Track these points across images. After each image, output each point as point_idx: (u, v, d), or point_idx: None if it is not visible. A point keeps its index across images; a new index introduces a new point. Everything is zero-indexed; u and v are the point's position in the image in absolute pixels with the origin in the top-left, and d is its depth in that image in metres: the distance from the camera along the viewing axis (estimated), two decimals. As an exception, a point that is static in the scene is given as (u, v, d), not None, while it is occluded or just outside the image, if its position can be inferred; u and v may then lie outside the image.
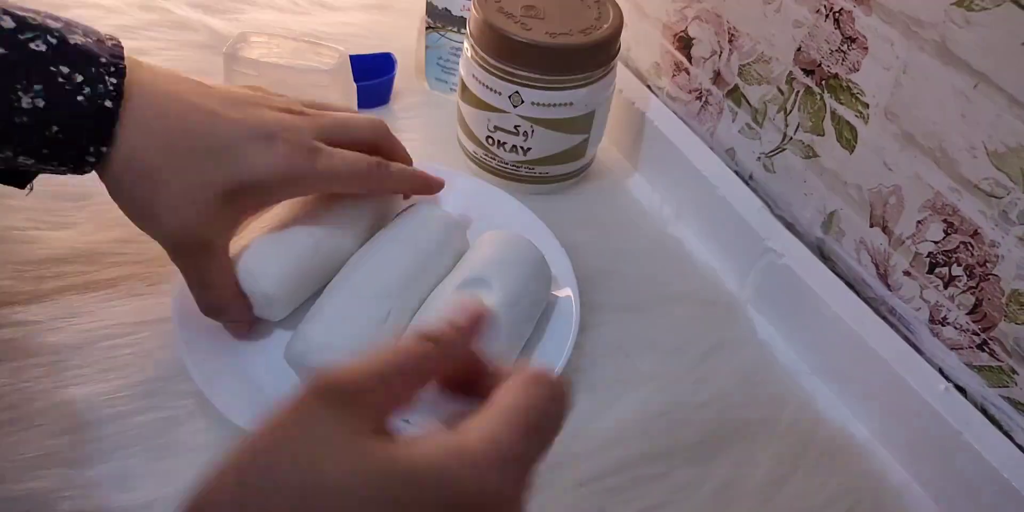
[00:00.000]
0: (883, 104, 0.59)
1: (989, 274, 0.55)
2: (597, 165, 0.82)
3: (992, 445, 0.56)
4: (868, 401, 0.63)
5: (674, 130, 0.78)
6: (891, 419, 0.62)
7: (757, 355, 0.68)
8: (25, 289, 0.62)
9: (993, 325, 0.56)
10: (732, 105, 0.73)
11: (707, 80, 0.75)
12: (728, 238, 0.73)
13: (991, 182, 0.53)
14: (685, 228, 0.77)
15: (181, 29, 0.89)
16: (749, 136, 0.72)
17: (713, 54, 0.74)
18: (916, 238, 0.59)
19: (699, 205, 0.75)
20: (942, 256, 0.58)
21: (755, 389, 0.65)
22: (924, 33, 0.54)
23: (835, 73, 0.62)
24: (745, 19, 0.69)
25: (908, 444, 0.61)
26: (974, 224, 0.55)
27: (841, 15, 0.60)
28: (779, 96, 0.68)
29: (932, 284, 0.59)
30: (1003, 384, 0.56)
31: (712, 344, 0.67)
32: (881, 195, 0.61)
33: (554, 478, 0.57)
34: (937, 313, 0.60)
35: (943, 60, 0.53)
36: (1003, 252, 0.54)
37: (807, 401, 0.65)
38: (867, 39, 0.58)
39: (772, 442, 0.62)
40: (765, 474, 0.59)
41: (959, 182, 0.55)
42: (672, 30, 0.78)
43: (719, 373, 0.65)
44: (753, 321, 0.71)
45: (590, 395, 0.62)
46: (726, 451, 0.60)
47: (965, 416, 0.57)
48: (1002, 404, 0.57)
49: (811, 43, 0.63)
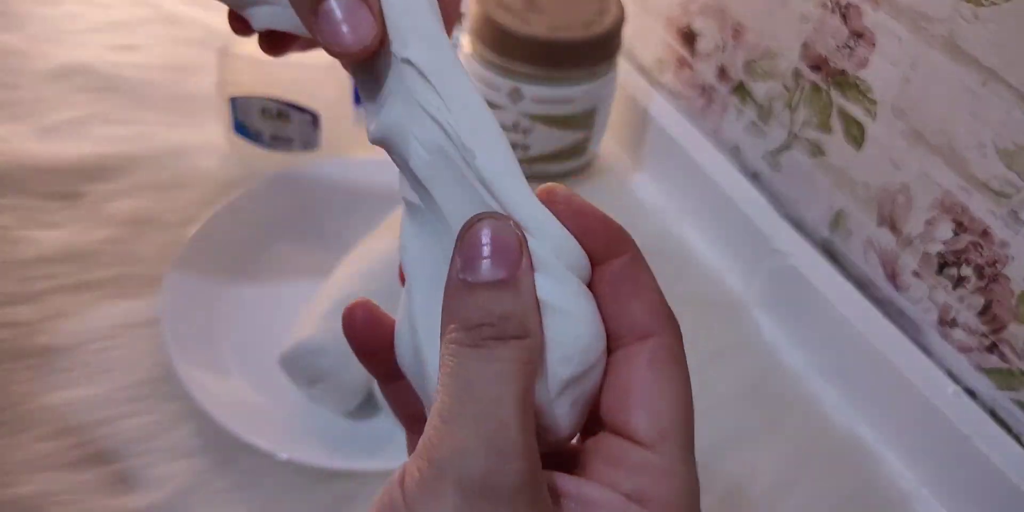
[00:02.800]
0: (891, 101, 0.58)
1: (999, 275, 0.54)
2: (598, 163, 0.81)
3: (1001, 449, 0.55)
4: (876, 404, 0.63)
5: (678, 127, 0.77)
6: (899, 422, 0.61)
7: (763, 357, 0.67)
8: (14, 290, 0.62)
9: (1003, 327, 0.55)
10: (737, 101, 0.73)
11: (711, 76, 0.75)
12: (733, 238, 0.72)
13: (1001, 180, 0.52)
14: (689, 227, 0.77)
15: (174, 25, 0.88)
16: (754, 133, 0.72)
17: (717, 49, 0.73)
18: (925, 238, 0.59)
19: (703, 204, 0.75)
20: (951, 256, 0.57)
21: (761, 391, 0.64)
22: (932, 28, 0.54)
23: (842, 69, 0.61)
24: (750, 13, 0.68)
25: (916, 448, 0.61)
26: (984, 223, 0.54)
27: (848, 10, 0.59)
28: (785, 92, 0.67)
29: (941, 285, 0.59)
30: (1013, 387, 0.56)
31: (717, 346, 0.67)
32: (889, 194, 0.61)
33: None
34: (946, 314, 0.59)
35: (952, 56, 0.53)
36: (1013, 252, 0.53)
37: (814, 404, 0.64)
38: (875, 34, 0.58)
39: (778, 445, 0.61)
40: (771, 478, 0.59)
41: (968, 181, 0.54)
42: (675, 24, 0.78)
43: (724, 375, 0.65)
44: (759, 322, 0.70)
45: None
46: (731, 454, 0.60)
47: (974, 419, 0.57)
48: (1012, 407, 0.56)
49: (818, 38, 0.62)
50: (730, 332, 0.68)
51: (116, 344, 0.60)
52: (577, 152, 0.75)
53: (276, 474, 0.55)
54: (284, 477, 0.55)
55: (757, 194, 0.71)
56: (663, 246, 0.74)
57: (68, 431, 0.55)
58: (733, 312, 0.70)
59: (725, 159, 0.74)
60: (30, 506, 0.52)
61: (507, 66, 0.69)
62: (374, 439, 0.56)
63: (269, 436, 0.54)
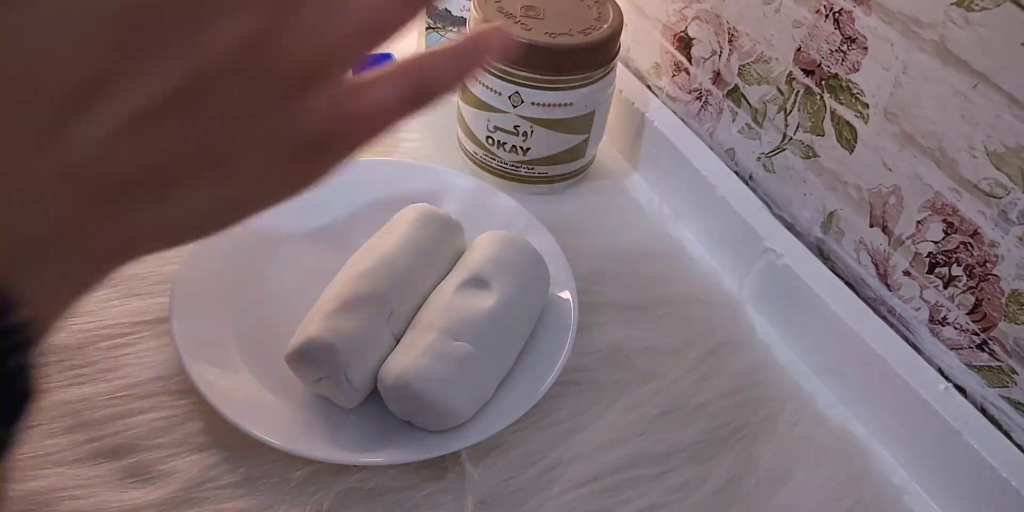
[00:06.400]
0: (883, 104, 0.59)
1: (989, 274, 0.55)
2: (597, 165, 0.82)
3: (991, 445, 0.56)
4: (868, 401, 0.63)
5: (674, 130, 0.78)
6: (891, 419, 0.62)
7: (757, 355, 0.68)
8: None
9: (993, 325, 0.56)
10: (732, 105, 0.73)
11: (707, 80, 0.75)
12: (728, 238, 0.73)
13: (991, 182, 0.53)
14: (685, 228, 0.77)
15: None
16: (749, 136, 0.72)
17: (713, 54, 0.74)
18: (916, 238, 0.59)
19: (699, 205, 0.75)
20: (942, 256, 0.58)
21: (755, 389, 0.65)
22: (924, 33, 0.54)
23: (835, 73, 0.62)
24: (745, 19, 0.69)
25: (908, 444, 0.61)
26: (974, 224, 0.55)
27: (841, 15, 0.60)
28: (779, 96, 0.68)
29: (932, 284, 0.59)
30: (1003, 384, 0.57)
31: (712, 344, 0.67)
32: (881, 195, 0.61)
33: (553, 478, 0.57)
34: (937, 313, 0.60)
35: (943, 60, 0.53)
36: (1003, 252, 0.54)
37: (807, 401, 0.65)
38: (867, 39, 0.58)
39: (772, 442, 0.61)
40: (765, 474, 0.59)
41: (959, 182, 0.55)
42: (672, 30, 0.78)
43: (719, 373, 0.65)
44: (753, 321, 0.70)
45: (590, 395, 0.62)
46: (726, 451, 0.60)
47: (964, 416, 0.57)
48: (1002, 404, 0.57)
49: (811, 43, 0.63)
50: (725, 330, 0.69)
51: (127, 342, 0.60)
52: (575, 155, 0.76)
53: (283, 469, 0.55)
54: (291, 471, 0.55)
55: (751, 195, 0.72)
56: (659, 246, 0.75)
57: (80, 427, 0.56)
58: (728, 311, 0.71)
59: (720, 161, 0.75)
60: (43, 500, 0.52)
61: (507, 71, 0.69)
62: (379, 434, 0.56)
63: (277, 431, 0.54)
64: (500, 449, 0.58)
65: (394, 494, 0.55)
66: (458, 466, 0.57)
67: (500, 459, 0.58)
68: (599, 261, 0.71)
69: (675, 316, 0.69)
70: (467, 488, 0.56)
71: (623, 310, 0.68)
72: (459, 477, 0.56)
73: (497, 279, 0.60)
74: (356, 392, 0.56)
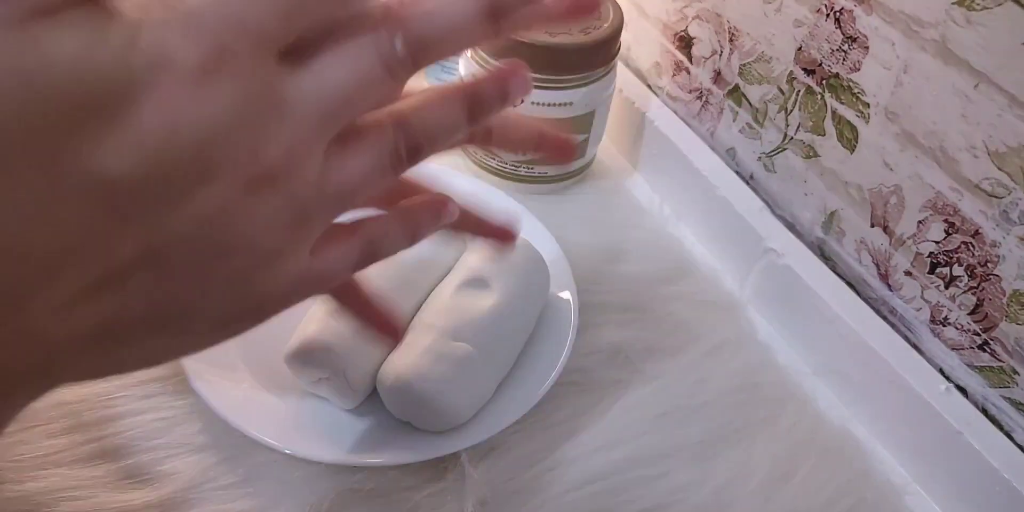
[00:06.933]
0: (884, 104, 0.59)
1: (990, 274, 0.55)
2: (597, 165, 0.82)
3: (993, 445, 0.56)
4: (869, 401, 0.63)
5: (674, 130, 0.78)
6: (892, 419, 0.62)
7: (757, 355, 0.68)
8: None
9: (994, 325, 0.56)
10: (733, 105, 0.73)
11: (707, 80, 0.75)
12: (728, 238, 0.73)
13: (992, 182, 0.53)
14: (685, 228, 0.77)
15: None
16: (749, 136, 0.72)
17: (713, 53, 0.74)
18: (917, 238, 0.59)
19: (699, 205, 0.75)
20: (943, 256, 0.58)
21: (755, 390, 0.65)
22: (925, 33, 0.54)
23: (836, 73, 0.62)
24: (745, 18, 0.69)
25: (909, 444, 0.61)
26: (975, 224, 0.55)
27: (842, 14, 0.60)
28: (780, 96, 0.67)
29: (933, 284, 0.59)
30: (1004, 384, 0.56)
31: (712, 344, 0.67)
32: (882, 195, 0.61)
33: (554, 478, 0.57)
34: (938, 313, 0.60)
35: (944, 60, 0.53)
36: (1004, 252, 0.54)
37: (807, 401, 0.65)
38: (868, 39, 0.58)
39: (772, 443, 0.61)
40: (765, 475, 0.59)
41: (960, 182, 0.55)
42: (672, 29, 0.78)
43: (719, 373, 0.65)
44: (753, 321, 0.70)
45: (590, 395, 0.62)
46: (726, 452, 0.60)
47: (966, 416, 0.57)
48: (1003, 404, 0.57)
49: (812, 43, 0.63)
50: (725, 330, 0.69)
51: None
52: (576, 155, 0.76)
53: (282, 469, 0.55)
54: (290, 472, 0.55)
55: (752, 195, 0.72)
56: (660, 246, 0.75)
57: (78, 428, 0.56)
58: (728, 311, 0.71)
59: (721, 161, 0.74)
60: (41, 502, 0.52)
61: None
62: (378, 434, 0.56)
63: (275, 432, 0.54)
64: (500, 450, 0.58)
65: (394, 495, 0.55)
66: (458, 467, 0.57)
67: (500, 460, 0.58)
68: (599, 261, 0.71)
69: (675, 316, 0.69)
70: (467, 489, 0.56)
71: (623, 310, 0.68)
72: (459, 478, 0.56)
73: (497, 279, 0.60)
74: (355, 393, 0.56)
